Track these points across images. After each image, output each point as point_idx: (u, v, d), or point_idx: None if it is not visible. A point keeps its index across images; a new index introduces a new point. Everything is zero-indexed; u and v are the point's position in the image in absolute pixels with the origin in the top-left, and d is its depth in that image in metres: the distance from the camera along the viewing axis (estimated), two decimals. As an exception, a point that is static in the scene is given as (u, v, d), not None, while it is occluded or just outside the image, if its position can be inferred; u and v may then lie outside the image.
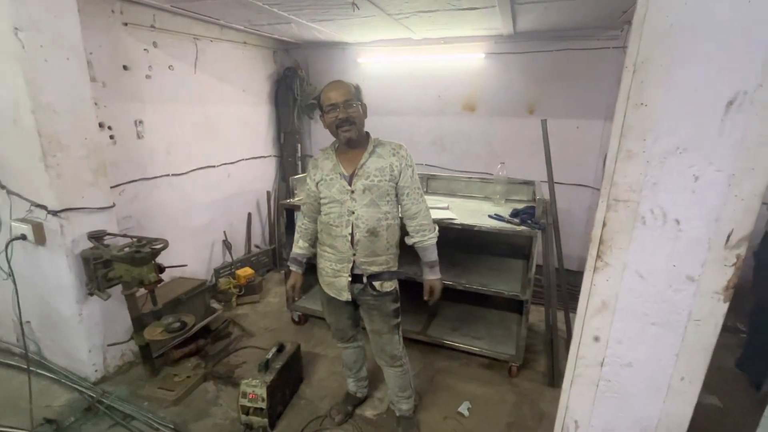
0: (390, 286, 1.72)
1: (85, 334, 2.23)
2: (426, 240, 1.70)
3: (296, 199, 2.79)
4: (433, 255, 1.73)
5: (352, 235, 1.63)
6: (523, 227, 2.17)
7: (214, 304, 3.10)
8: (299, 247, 1.88)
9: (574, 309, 3.14)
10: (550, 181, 2.41)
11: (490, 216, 2.36)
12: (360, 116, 1.60)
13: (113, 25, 2.44)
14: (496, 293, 2.32)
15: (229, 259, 3.62)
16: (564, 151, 3.37)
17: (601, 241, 1.11)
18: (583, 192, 3.46)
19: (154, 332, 2.10)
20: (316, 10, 2.58)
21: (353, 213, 1.61)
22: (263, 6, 2.47)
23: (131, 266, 1.99)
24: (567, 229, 3.48)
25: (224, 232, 3.55)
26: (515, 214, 2.34)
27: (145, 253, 1.92)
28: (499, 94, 3.53)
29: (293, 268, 1.89)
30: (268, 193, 4.09)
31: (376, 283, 1.69)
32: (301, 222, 1.88)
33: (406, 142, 1.70)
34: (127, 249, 1.95)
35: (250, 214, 3.89)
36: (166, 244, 2.05)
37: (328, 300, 1.82)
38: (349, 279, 1.68)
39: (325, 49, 4.02)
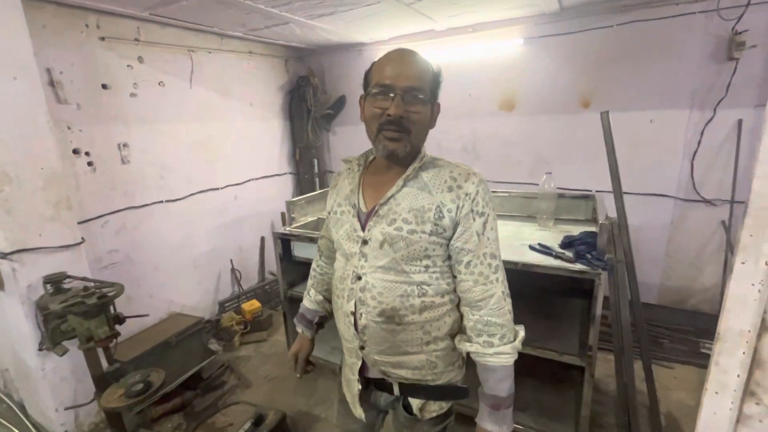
0: (437, 409, 1.04)
1: (50, 391, 1.95)
2: (490, 354, 0.91)
3: (293, 226, 2.37)
4: (501, 386, 0.94)
5: (355, 315, 0.98)
6: (579, 265, 1.54)
7: (214, 345, 2.75)
8: (309, 299, 1.26)
9: (655, 358, 2.25)
10: (618, 196, 1.75)
11: (531, 247, 1.74)
12: (423, 121, 0.93)
13: (87, 41, 2.21)
14: (545, 354, 1.70)
15: (238, 290, 3.29)
16: (634, 152, 2.64)
17: (756, 363, 0.52)
18: (662, 204, 2.67)
19: (112, 397, 1.75)
20: (307, 1, 2.17)
21: (360, 279, 0.96)
22: (244, 2, 2.11)
23: (82, 318, 1.66)
24: (640, 252, 2.72)
25: (231, 260, 3.24)
26: (568, 243, 1.71)
27: (89, 305, 1.58)
28: (543, 86, 2.88)
29: (299, 329, 1.25)
30: (283, 214, 3.73)
31: (414, 404, 1.03)
32: (315, 263, 1.28)
33: (434, 150, 0.98)
34: (71, 299, 1.62)
35: (263, 238, 3.56)
36: (119, 291, 1.70)
37: (341, 398, 1.19)
38: (359, 387, 1.06)
39: (341, 53, 3.63)
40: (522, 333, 0.96)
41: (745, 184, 2.38)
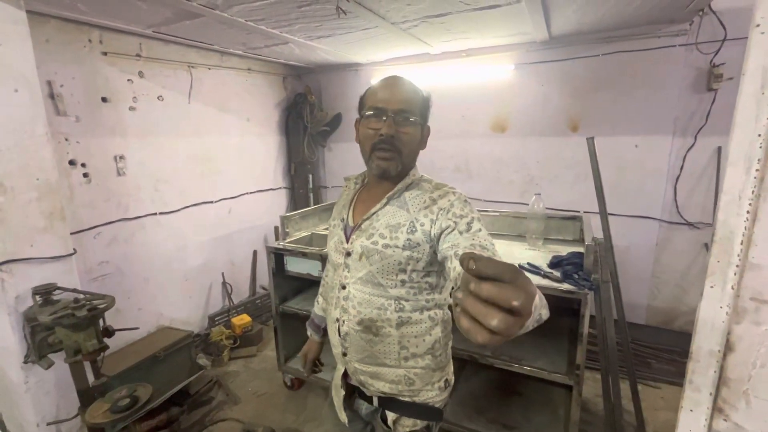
0: (411, 425, 1.06)
1: (32, 406, 1.90)
2: None
3: (287, 241, 2.39)
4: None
5: (339, 321, 1.05)
6: (566, 284, 1.58)
7: (202, 359, 2.72)
8: (318, 306, 1.34)
9: (643, 378, 2.29)
10: (603, 217, 1.81)
11: (521, 266, 1.78)
12: (413, 142, 1.00)
13: (90, 56, 2.25)
14: (534, 372, 1.72)
15: (228, 304, 3.27)
16: (620, 175, 2.73)
17: (723, 381, 0.55)
18: (648, 225, 2.75)
19: (97, 412, 1.72)
20: (307, 24, 2.25)
21: (344, 288, 1.03)
22: (246, 23, 2.18)
23: (70, 331, 1.64)
24: (627, 272, 2.78)
25: (222, 273, 3.22)
26: (556, 263, 1.75)
27: (79, 318, 1.57)
28: (533, 110, 2.98)
29: (309, 332, 1.36)
30: (276, 228, 3.75)
31: (389, 417, 1.06)
32: (325, 272, 1.33)
33: (427, 168, 1.04)
34: (61, 311, 1.61)
35: (255, 252, 3.56)
36: (110, 304, 1.69)
37: (331, 401, 1.26)
38: (343, 392, 1.12)
39: (338, 72, 3.72)
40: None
41: (726, 208, 2.46)
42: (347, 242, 1.03)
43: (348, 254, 1.02)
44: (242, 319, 2.97)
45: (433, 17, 2.19)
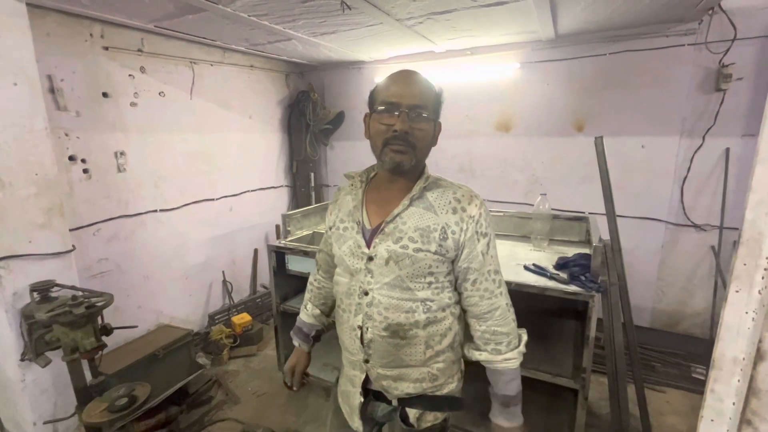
0: (433, 419, 1.05)
1: (29, 404, 1.88)
2: (499, 360, 0.99)
3: (288, 239, 2.36)
4: (511, 386, 1.03)
5: (362, 329, 1.00)
6: (573, 287, 1.55)
7: (202, 358, 2.69)
8: (307, 313, 1.26)
9: (648, 382, 2.26)
10: (611, 219, 1.77)
11: (526, 267, 1.75)
12: (427, 138, 0.97)
13: (91, 50, 2.22)
14: (539, 375, 1.68)
15: (229, 302, 3.24)
16: (626, 176, 2.69)
17: (752, 392, 0.52)
18: (654, 227, 2.71)
19: (94, 411, 1.69)
20: (311, 20, 2.22)
21: (366, 294, 0.98)
22: (250, 18, 2.15)
23: (68, 328, 1.62)
24: (633, 275, 2.74)
25: (223, 272, 3.20)
26: (563, 264, 1.72)
27: (77, 315, 1.54)
28: (539, 109, 2.94)
29: (295, 342, 1.27)
30: (278, 226, 3.72)
31: (411, 414, 1.04)
32: (313, 277, 1.29)
33: (431, 168, 1.02)
34: (58, 308, 1.58)
35: (256, 251, 3.54)
36: (108, 301, 1.66)
37: (336, 408, 1.18)
38: (361, 399, 1.06)
39: (341, 70, 3.70)
40: (525, 337, 1.05)
41: (733, 210, 2.43)
42: (368, 247, 0.98)
43: (370, 259, 0.97)
44: (242, 318, 2.95)
45: (439, 14, 2.16)
